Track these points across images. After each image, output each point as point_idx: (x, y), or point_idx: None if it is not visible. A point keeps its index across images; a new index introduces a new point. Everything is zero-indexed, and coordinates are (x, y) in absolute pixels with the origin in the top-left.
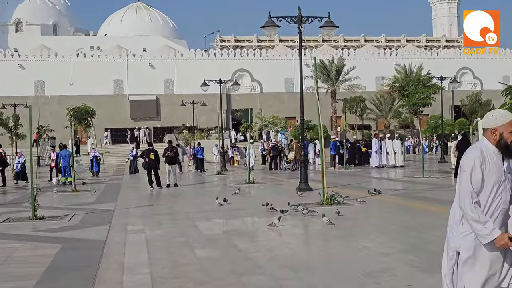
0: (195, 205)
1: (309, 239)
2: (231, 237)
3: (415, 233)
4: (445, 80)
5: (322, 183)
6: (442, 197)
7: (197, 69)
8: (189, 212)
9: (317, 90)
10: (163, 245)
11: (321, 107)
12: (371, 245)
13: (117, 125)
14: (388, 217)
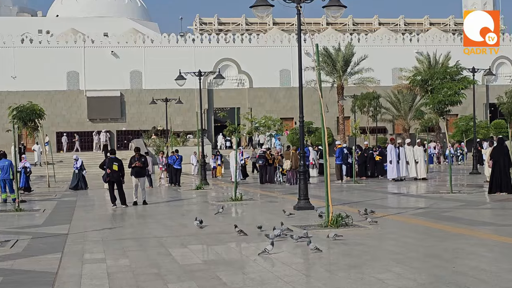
0: (169, 228)
1: (310, 270)
2: (214, 267)
3: (441, 261)
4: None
5: (326, 200)
6: (474, 216)
7: (172, 59)
8: (161, 237)
9: (320, 85)
10: (129, 278)
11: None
12: (386, 277)
13: (71, 127)
14: (407, 242)
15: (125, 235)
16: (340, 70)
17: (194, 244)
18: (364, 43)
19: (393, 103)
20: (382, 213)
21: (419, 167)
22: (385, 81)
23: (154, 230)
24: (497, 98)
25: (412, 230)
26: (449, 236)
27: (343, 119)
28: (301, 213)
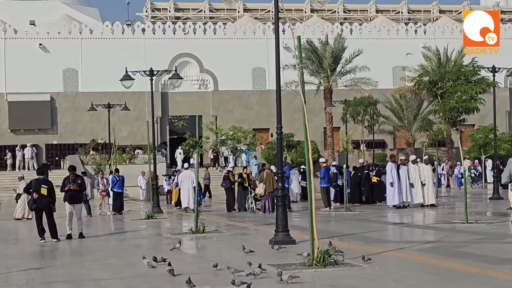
0: (112, 268)
1: None
2: None
3: None
4: (499, 72)
5: (311, 232)
6: (496, 253)
7: (116, 54)
8: (102, 279)
9: (303, 88)
10: None
11: (310, 113)
12: None
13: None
14: (412, 284)
15: (56, 277)
16: (328, 68)
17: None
18: (357, 35)
19: (394, 110)
20: (382, 248)
21: (427, 191)
22: (384, 83)
23: (94, 271)
24: None
25: (418, 270)
26: (464, 277)
27: (331, 130)
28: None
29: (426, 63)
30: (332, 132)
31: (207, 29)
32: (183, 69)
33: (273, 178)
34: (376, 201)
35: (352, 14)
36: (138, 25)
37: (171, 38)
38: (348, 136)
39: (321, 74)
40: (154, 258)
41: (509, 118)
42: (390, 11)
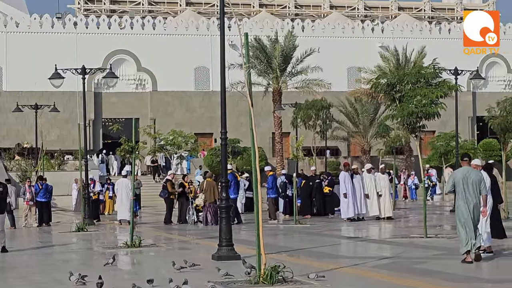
0: (36, 285)
1: None
2: None
3: None
4: (462, 75)
5: (257, 247)
6: (456, 270)
7: (44, 50)
8: None
9: (250, 89)
10: None
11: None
12: None
13: None
14: None
15: None
16: (278, 68)
17: None
18: (310, 33)
19: (349, 114)
20: (334, 264)
21: (383, 203)
22: (338, 85)
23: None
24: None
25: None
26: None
27: (280, 136)
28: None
29: (384, 64)
30: (281, 138)
31: (145, 24)
32: (119, 67)
33: (214, 188)
34: (329, 213)
35: (304, 10)
36: (70, 19)
37: (106, 33)
38: (299, 142)
39: (270, 75)
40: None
41: (472, 124)
42: (345, 7)
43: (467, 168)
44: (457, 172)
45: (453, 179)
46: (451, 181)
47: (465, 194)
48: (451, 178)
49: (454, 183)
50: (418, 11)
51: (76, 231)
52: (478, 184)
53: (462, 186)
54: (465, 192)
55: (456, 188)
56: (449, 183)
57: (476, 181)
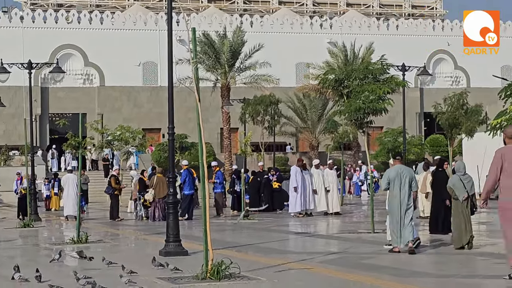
0: None
1: None
2: None
3: None
4: (410, 71)
5: (204, 242)
6: (403, 265)
7: None
8: None
9: (197, 84)
10: None
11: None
12: None
13: None
14: None
15: None
16: (226, 64)
17: None
18: (258, 29)
19: (297, 110)
20: (282, 259)
21: (331, 198)
22: (287, 81)
23: None
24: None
25: (320, 283)
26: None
27: (228, 131)
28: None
29: (332, 59)
30: (229, 134)
31: (93, 19)
32: (66, 62)
33: (164, 184)
34: (277, 208)
35: (253, 5)
36: (16, 13)
37: (53, 28)
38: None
39: (218, 70)
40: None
41: (419, 120)
42: (293, 3)
43: (400, 166)
44: (391, 170)
45: (388, 176)
46: (386, 178)
47: (399, 191)
48: (386, 175)
49: (389, 180)
50: (367, 7)
51: (21, 227)
52: (410, 181)
53: (397, 183)
54: (399, 189)
55: (390, 185)
56: (384, 180)
57: (409, 178)
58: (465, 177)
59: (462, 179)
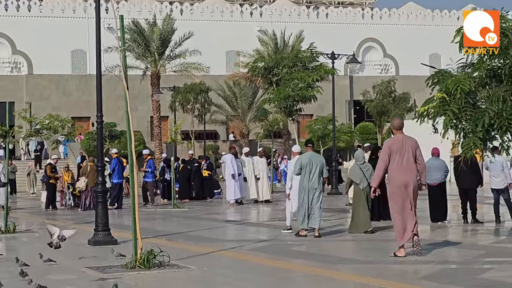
0: None
1: None
2: None
3: None
4: (339, 59)
5: (133, 231)
6: (332, 251)
7: None
8: None
9: (125, 72)
10: None
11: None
12: None
13: None
14: (244, 286)
15: None
16: (156, 52)
17: None
18: (188, 17)
19: (228, 98)
20: (212, 247)
21: (261, 186)
22: (217, 69)
23: None
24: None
25: (250, 270)
26: (299, 277)
27: (159, 119)
28: (99, 250)
29: (262, 48)
30: (159, 122)
31: (20, 6)
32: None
33: (94, 172)
34: (207, 196)
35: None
36: None
37: None
38: (177, 126)
39: (148, 58)
40: None
41: (349, 108)
42: None
43: (311, 153)
44: (303, 156)
45: (300, 162)
46: (298, 164)
47: (309, 176)
48: (298, 161)
49: (301, 166)
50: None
51: None
52: (321, 168)
53: (308, 169)
54: (309, 175)
55: (302, 171)
56: (296, 166)
57: (320, 165)
58: (364, 165)
59: (361, 168)
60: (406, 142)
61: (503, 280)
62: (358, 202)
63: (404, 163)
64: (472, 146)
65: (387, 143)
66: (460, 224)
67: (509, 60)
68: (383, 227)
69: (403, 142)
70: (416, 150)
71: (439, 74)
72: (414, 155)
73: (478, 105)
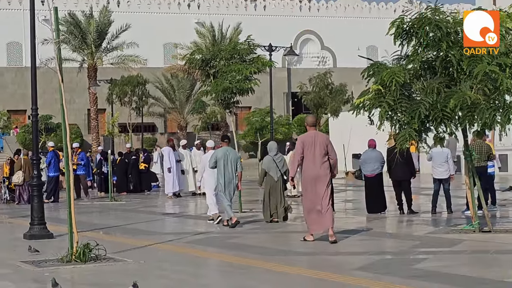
0: None
1: None
2: None
3: None
4: (276, 51)
5: (69, 225)
6: (268, 243)
7: None
8: None
9: (60, 65)
10: None
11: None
12: None
13: None
14: (181, 279)
15: None
16: (93, 44)
17: None
18: (126, 9)
19: (166, 91)
20: (149, 240)
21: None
22: (155, 61)
23: None
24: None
25: (187, 263)
26: (236, 270)
27: (96, 112)
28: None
29: (200, 40)
30: (96, 115)
31: None
32: None
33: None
34: (145, 189)
35: None
36: None
37: None
38: (114, 118)
39: (85, 51)
40: None
41: (287, 100)
42: None
43: (226, 148)
44: (219, 151)
45: (215, 156)
46: (214, 158)
47: (224, 170)
48: (214, 155)
49: (216, 160)
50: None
51: None
52: (235, 162)
53: (223, 163)
54: (224, 169)
55: (218, 164)
56: (211, 160)
57: (234, 159)
58: (277, 157)
59: (274, 159)
60: (317, 137)
61: (438, 270)
62: (272, 190)
63: (315, 157)
64: (408, 138)
65: (300, 138)
66: (396, 215)
67: (442, 52)
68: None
69: (314, 137)
70: (327, 145)
71: (374, 66)
72: (325, 149)
73: (413, 97)
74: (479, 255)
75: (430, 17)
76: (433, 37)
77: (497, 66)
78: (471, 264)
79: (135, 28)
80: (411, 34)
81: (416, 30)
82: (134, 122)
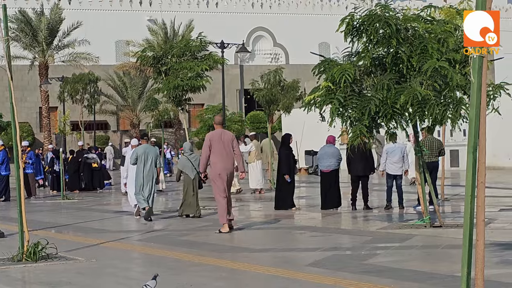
0: None
1: None
2: None
3: None
4: (229, 48)
5: (20, 223)
6: (220, 240)
7: None
8: None
9: (9, 63)
10: None
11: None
12: None
13: None
14: (132, 277)
15: None
16: (44, 42)
17: None
18: (77, 6)
19: (118, 88)
20: (101, 239)
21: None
22: (107, 59)
23: None
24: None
25: (139, 261)
26: (188, 267)
27: (47, 110)
28: None
29: (152, 37)
30: (48, 113)
31: None
32: None
33: None
34: (97, 187)
35: None
36: None
37: None
38: (65, 116)
39: (36, 48)
40: None
41: (240, 97)
42: None
43: (146, 145)
44: (139, 148)
45: (136, 153)
46: (134, 154)
47: (143, 166)
48: (134, 152)
49: (137, 157)
50: None
51: None
52: (155, 159)
53: (143, 160)
54: (144, 165)
55: (138, 160)
56: (133, 156)
57: (153, 156)
58: (192, 156)
59: (189, 159)
60: (223, 135)
61: (389, 265)
62: (189, 188)
63: (222, 152)
64: (359, 134)
65: (208, 136)
66: (349, 211)
67: (392, 49)
68: None
69: (221, 135)
70: (232, 142)
71: (325, 63)
72: (231, 146)
73: (364, 93)
74: (430, 250)
75: (379, 14)
76: (383, 34)
77: (447, 62)
78: (422, 259)
79: (87, 25)
80: (362, 31)
81: (366, 27)
82: (86, 120)
